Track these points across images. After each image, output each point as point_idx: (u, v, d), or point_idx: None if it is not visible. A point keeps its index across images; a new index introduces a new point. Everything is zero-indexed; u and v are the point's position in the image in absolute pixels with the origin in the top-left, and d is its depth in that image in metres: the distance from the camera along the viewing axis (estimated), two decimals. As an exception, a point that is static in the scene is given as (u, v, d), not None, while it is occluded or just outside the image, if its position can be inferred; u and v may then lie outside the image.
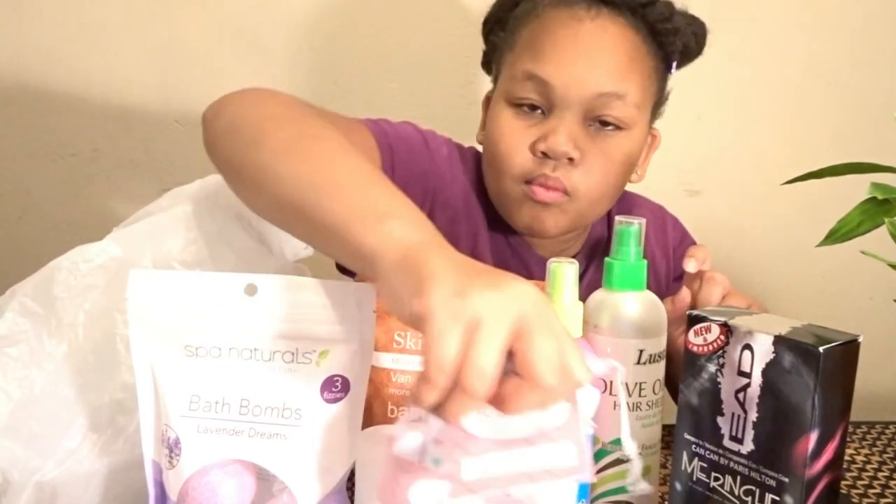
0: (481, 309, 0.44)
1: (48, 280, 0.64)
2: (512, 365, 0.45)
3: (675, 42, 0.87)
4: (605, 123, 0.82)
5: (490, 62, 0.95)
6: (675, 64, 0.91)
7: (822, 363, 0.52)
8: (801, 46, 1.30)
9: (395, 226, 0.51)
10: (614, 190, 0.87)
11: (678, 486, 0.60)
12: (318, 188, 0.55)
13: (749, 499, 0.56)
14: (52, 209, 1.29)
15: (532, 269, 0.91)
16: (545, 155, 0.81)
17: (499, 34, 0.92)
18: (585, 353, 0.57)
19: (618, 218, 0.62)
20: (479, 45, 1.00)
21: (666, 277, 0.98)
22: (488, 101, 0.93)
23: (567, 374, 0.45)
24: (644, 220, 0.62)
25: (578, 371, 0.45)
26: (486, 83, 1.09)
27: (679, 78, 1.30)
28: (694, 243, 1.04)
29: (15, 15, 1.24)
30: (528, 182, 0.82)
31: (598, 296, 0.62)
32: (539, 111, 0.83)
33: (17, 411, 0.61)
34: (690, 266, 0.75)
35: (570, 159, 0.81)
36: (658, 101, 0.91)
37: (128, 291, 0.56)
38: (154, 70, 1.27)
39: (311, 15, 1.26)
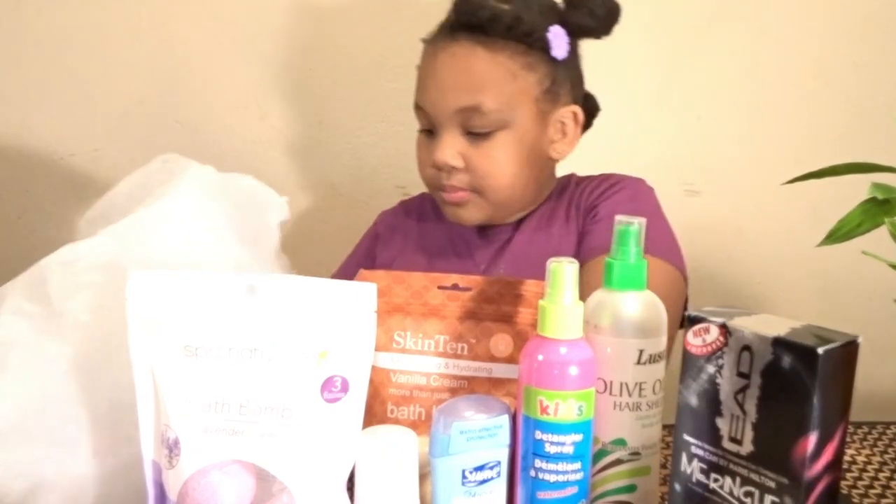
0: None
1: (41, 280, 0.63)
2: None
3: (534, 40, 0.95)
4: (476, 132, 0.95)
5: None
6: (560, 49, 0.96)
7: (822, 364, 0.52)
8: (802, 47, 1.30)
9: None
10: (522, 177, 0.98)
11: (677, 486, 0.60)
12: None
13: (748, 500, 0.56)
14: (52, 209, 1.29)
15: (472, 248, 1.04)
16: (438, 167, 0.96)
17: None
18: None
19: (617, 218, 0.62)
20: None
21: (580, 227, 1.01)
22: None
23: None
24: (644, 220, 0.62)
25: None
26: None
27: (679, 78, 1.31)
28: (623, 186, 1.03)
29: (15, 15, 1.24)
30: (439, 189, 0.99)
31: (598, 296, 0.62)
32: (432, 133, 0.98)
33: (18, 412, 0.61)
34: None
35: (454, 168, 0.95)
36: (550, 87, 0.97)
37: (127, 292, 0.56)
38: (154, 70, 1.27)
39: (310, 15, 1.26)
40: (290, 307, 0.57)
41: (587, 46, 1.01)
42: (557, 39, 0.96)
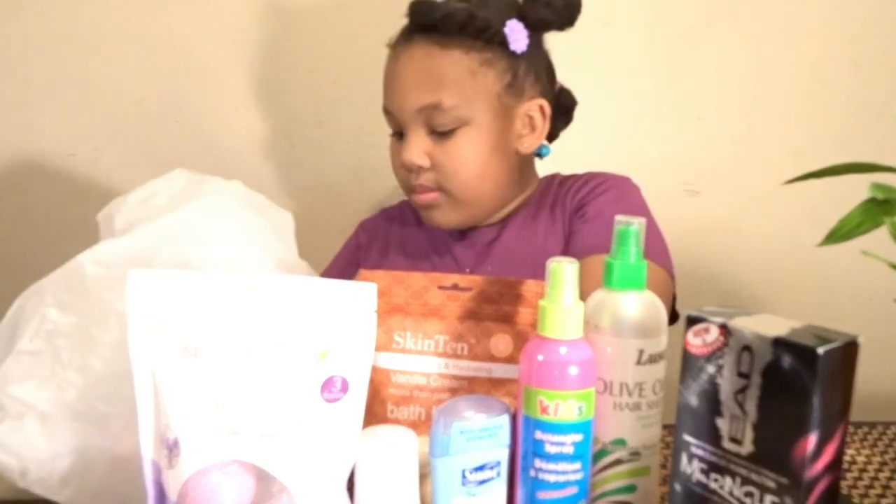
0: None
1: (79, 274, 0.65)
2: None
3: (490, 35, 0.96)
4: (439, 130, 0.96)
5: None
6: (519, 43, 0.97)
7: (822, 364, 0.52)
8: (802, 46, 1.30)
9: None
10: (490, 173, 0.98)
11: (677, 486, 0.60)
12: None
13: (749, 500, 0.56)
14: (52, 209, 1.29)
15: (453, 249, 1.05)
16: (407, 168, 0.98)
17: None
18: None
19: (617, 218, 0.62)
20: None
21: (567, 227, 1.01)
22: None
23: None
24: (644, 220, 0.62)
25: None
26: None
27: (679, 78, 1.31)
28: (608, 184, 1.03)
29: (15, 15, 1.24)
30: (411, 192, 1.00)
31: (598, 296, 0.62)
32: (402, 136, 0.99)
33: (66, 395, 0.63)
34: None
35: (421, 167, 0.96)
36: (512, 82, 0.98)
37: (127, 291, 0.56)
38: (154, 70, 1.27)
39: (310, 15, 1.26)
40: (290, 307, 0.57)
41: (587, 47, 1.01)
42: (515, 34, 0.97)
